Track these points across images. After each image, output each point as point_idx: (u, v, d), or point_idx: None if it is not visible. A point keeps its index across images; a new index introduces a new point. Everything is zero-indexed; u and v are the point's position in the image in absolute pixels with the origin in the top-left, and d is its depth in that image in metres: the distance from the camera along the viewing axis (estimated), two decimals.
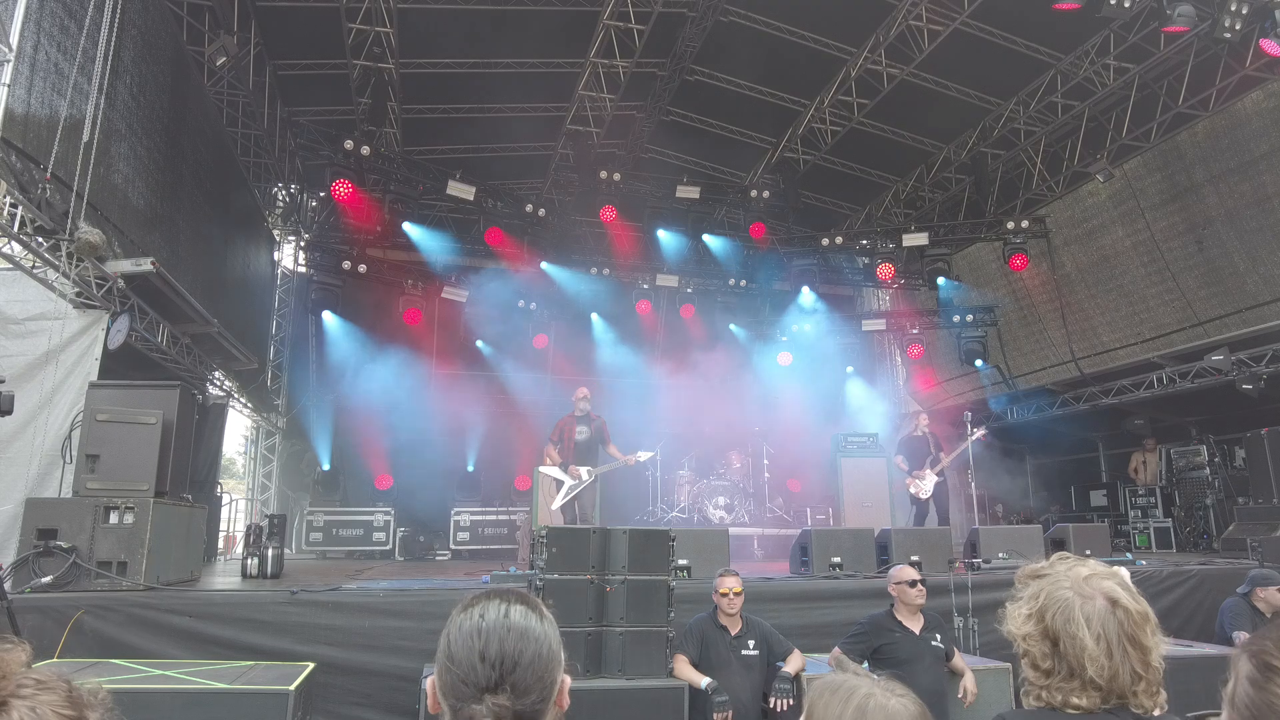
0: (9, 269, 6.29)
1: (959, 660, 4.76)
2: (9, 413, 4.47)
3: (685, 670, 4.66)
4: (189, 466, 6.88)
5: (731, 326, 14.84)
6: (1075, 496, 13.62)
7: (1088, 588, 1.52)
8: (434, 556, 11.62)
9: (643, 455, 8.52)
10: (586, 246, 14.04)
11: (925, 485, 9.52)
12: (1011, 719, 1.57)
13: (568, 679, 1.22)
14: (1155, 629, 1.51)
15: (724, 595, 4.73)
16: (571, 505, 8.26)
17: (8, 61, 5.16)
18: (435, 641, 1.23)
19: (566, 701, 1.22)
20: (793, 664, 4.68)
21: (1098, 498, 13.22)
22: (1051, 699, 1.50)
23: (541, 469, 8.66)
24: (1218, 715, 0.96)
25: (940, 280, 13.80)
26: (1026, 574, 1.62)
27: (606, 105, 11.71)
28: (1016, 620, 1.57)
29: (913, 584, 4.64)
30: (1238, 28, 8.48)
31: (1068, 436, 13.68)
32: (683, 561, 6.37)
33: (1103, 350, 12.49)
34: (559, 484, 8.30)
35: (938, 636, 4.64)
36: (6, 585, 4.48)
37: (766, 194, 12.85)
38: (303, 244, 13.42)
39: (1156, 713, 1.48)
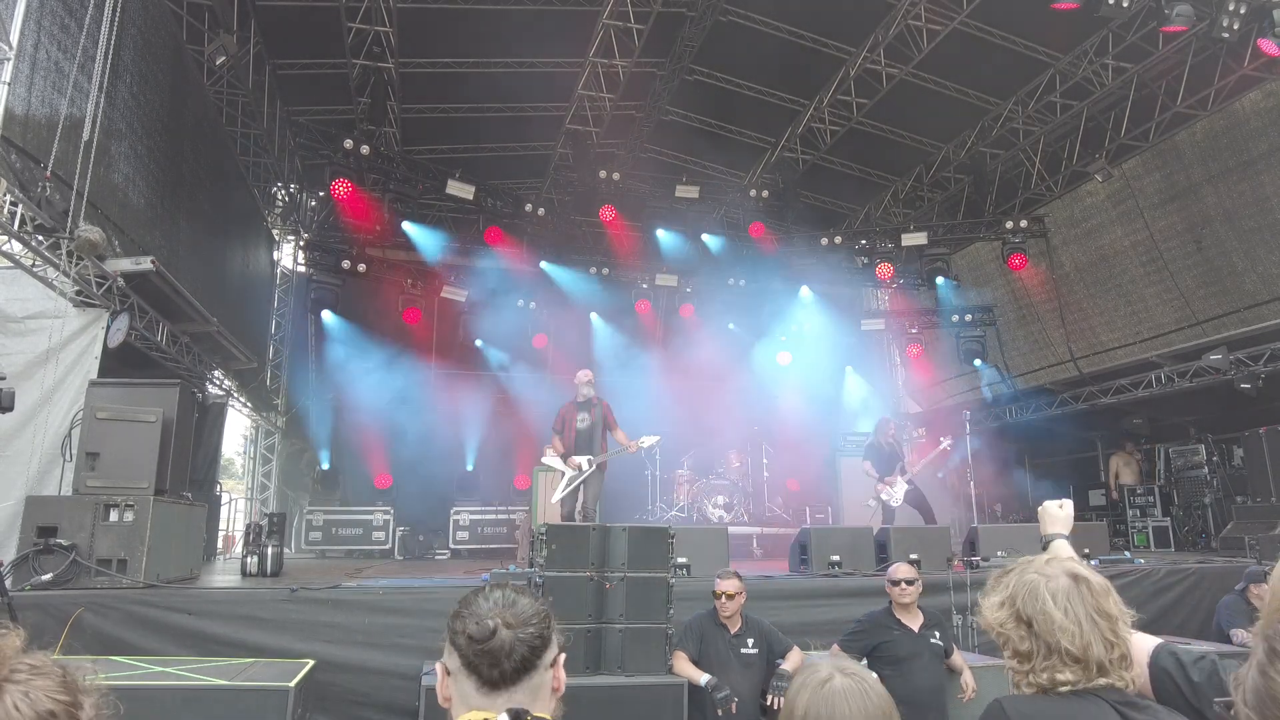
0: (9, 267, 6.29)
1: (957, 658, 4.77)
2: (9, 409, 4.48)
3: (684, 667, 4.67)
4: (188, 465, 6.89)
5: (730, 326, 14.84)
6: (1074, 496, 13.58)
7: (1050, 569, 1.64)
8: (433, 555, 11.63)
9: (646, 441, 7.92)
10: (586, 246, 14.04)
11: (896, 493, 9.21)
12: (1008, 704, 1.60)
13: (563, 655, 1.37)
14: (1118, 600, 1.61)
15: (716, 597, 4.73)
16: (571, 498, 7.83)
17: (8, 60, 5.17)
18: (435, 640, 1.31)
19: (563, 678, 1.35)
20: (792, 662, 4.68)
21: (1096, 497, 13.22)
22: (1039, 681, 1.55)
23: (545, 460, 8.17)
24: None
25: (939, 280, 13.81)
26: (998, 574, 1.74)
27: (606, 105, 11.72)
28: (990, 609, 1.67)
29: (895, 583, 4.66)
30: (1236, 27, 8.50)
31: (1066, 436, 13.68)
32: (682, 560, 6.37)
33: (1101, 350, 12.50)
34: (561, 475, 7.94)
35: (936, 634, 4.65)
36: (7, 582, 4.48)
37: (766, 193, 12.87)
38: (302, 243, 13.41)
39: (1131, 688, 1.55)
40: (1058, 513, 2.32)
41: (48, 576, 5.07)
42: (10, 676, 0.93)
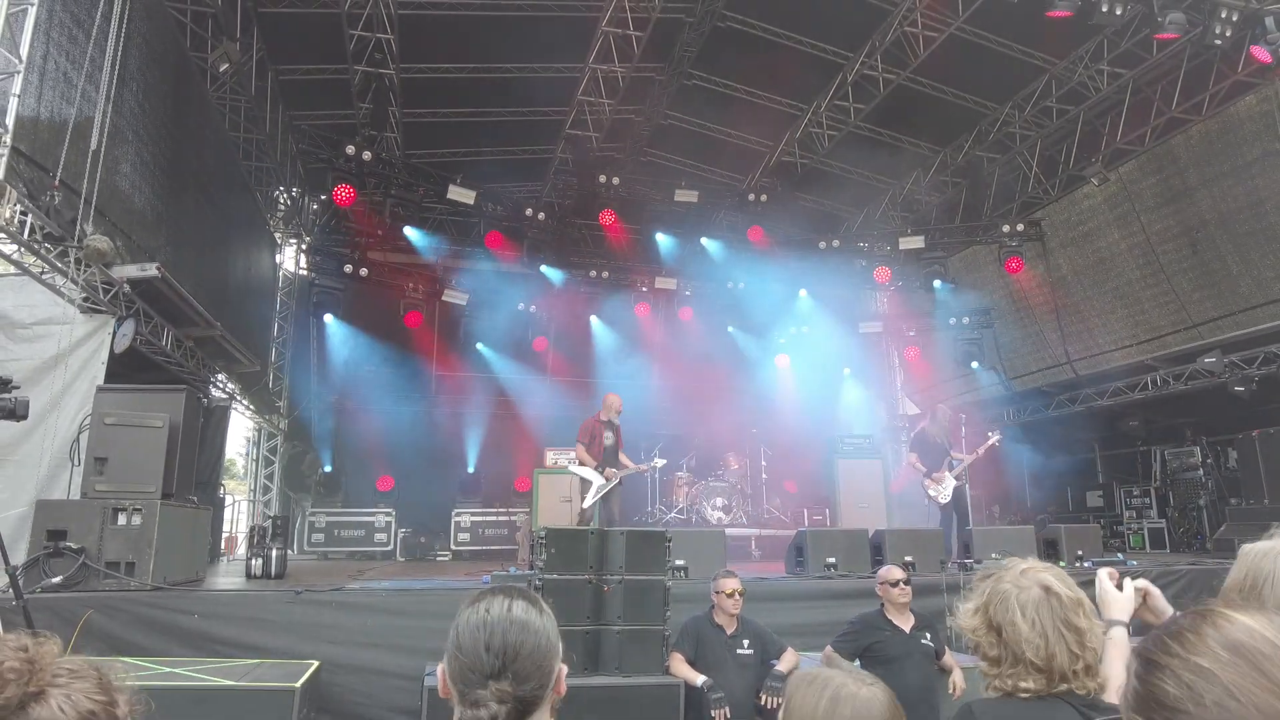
0: (17, 274, 6.39)
1: (949, 658, 4.85)
2: (24, 418, 4.57)
3: (681, 668, 4.76)
4: (194, 469, 6.99)
5: (729, 329, 14.94)
6: (1071, 497, 13.72)
7: (1024, 580, 1.70)
8: (434, 557, 11.74)
9: (658, 462, 9.37)
10: (586, 249, 14.13)
11: (945, 489, 8.60)
12: (978, 707, 1.70)
13: (564, 668, 1.35)
14: (1089, 613, 1.67)
15: (728, 596, 4.80)
16: (596, 506, 8.35)
17: (18, 73, 5.27)
18: (437, 641, 1.35)
19: (563, 688, 1.34)
20: (786, 662, 4.78)
21: (1094, 498, 13.31)
22: (1004, 686, 1.63)
23: (572, 468, 8.67)
24: None
25: (937, 283, 13.89)
26: (979, 577, 1.79)
27: (605, 110, 11.80)
28: (965, 615, 1.74)
29: (895, 584, 4.74)
30: (1228, 34, 8.57)
31: (1064, 438, 13.76)
32: (680, 562, 6.47)
33: (1098, 352, 12.59)
34: (586, 483, 8.35)
35: (927, 635, 4.74)
36: (20, 583, 4.58)
37: (764, 197, 12.94)
38: (304, 247, 13.52)
39: (1103, 696, 1.61)
40: (1115, 594, 1.89)
41: (57, 579, 5.17)
42: (52, 681, 0.99)
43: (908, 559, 6.81)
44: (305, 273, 13.43)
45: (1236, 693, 0.88)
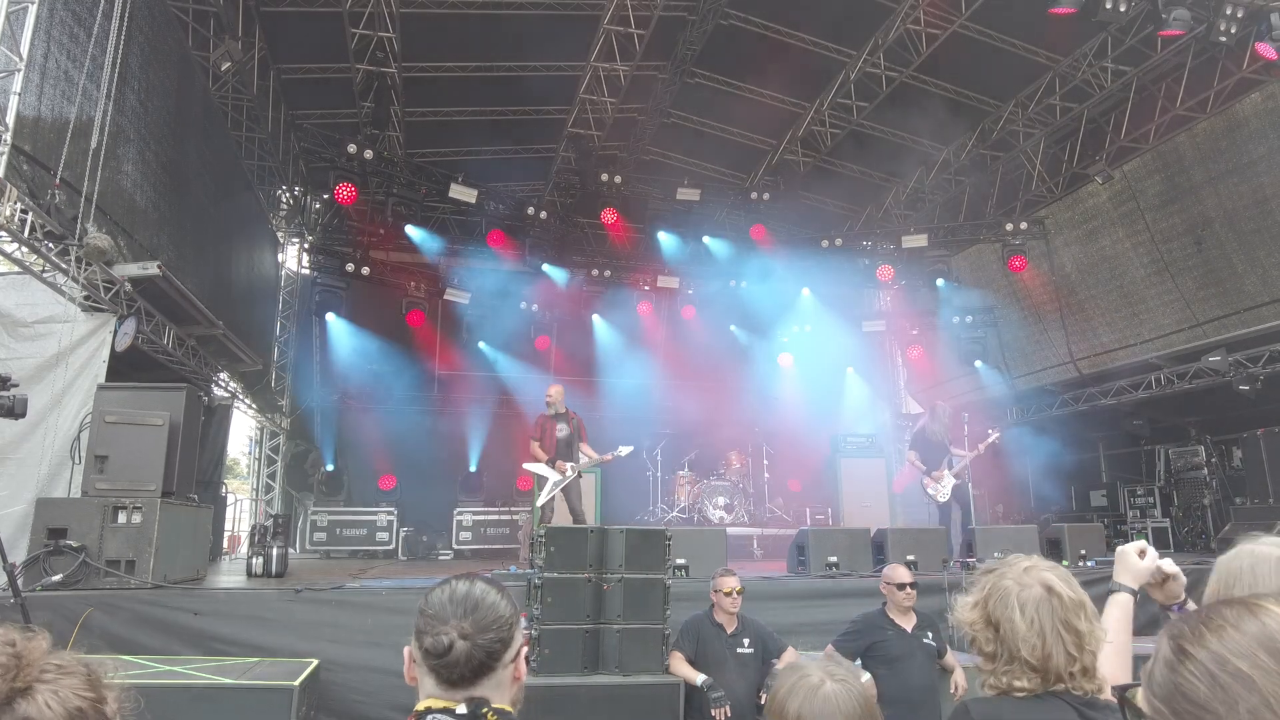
0: (18, 273, 6.40)
1: (951, 658, 4.83)
2: (23, 415, 4.57)
3: (681, 667, 4.75)
4: (195, 467, 6.99)
5: (732, 328, 14.91)
6: (1075, 496, 13.66)
7: (1026, 578, 1.66)
8: (436, 556, 11.74)
9: (623, 450, 8.29)
10: (588, 248, 14.12)
11: (944, 488, 8.56)
12: (974, 706, 1.68)
13: (525, 650, 1.42)
14: (1090, 615, 1.63)
15: (727, 595, 4.79)
16: (553, 502, 8.17)
17: (18, 71, 5.27)
18: None
19: (523, 671, 1.40)
20: (787, 661, 4.76)
21: (1097, 498, 13.25)
22: (999, 683, 1.61)
23: (527, 465, 8.46)
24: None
25: (940, 281, 13.84)
26: (981, 571, 1.75)
27: (608, 108, 11.78)
28: (964, 609, 1.71)
29: (901, 587, 4.71)
30: (1233, 31, 8.52)
31: (1067, 437, 13.71)
32: (680, 561, 6.45)
33: (1102, 351, 12.53)
34: (542, 480, 8.22)
35: (929, 634, 4.71)
36: (19, 583, 4.58)
37: (767, 195, 12.91)
38: (306, 246, 13.53)
39: (1101, 696, 1.58)
40: (1135, 562, 1.95)
41: (58, 577, 5.17)
42: (40, 677, 0.98)
43: (910, 558, 6.79)
44: (307, 271, 13.44)
45: (1276, 705, 0.83)
